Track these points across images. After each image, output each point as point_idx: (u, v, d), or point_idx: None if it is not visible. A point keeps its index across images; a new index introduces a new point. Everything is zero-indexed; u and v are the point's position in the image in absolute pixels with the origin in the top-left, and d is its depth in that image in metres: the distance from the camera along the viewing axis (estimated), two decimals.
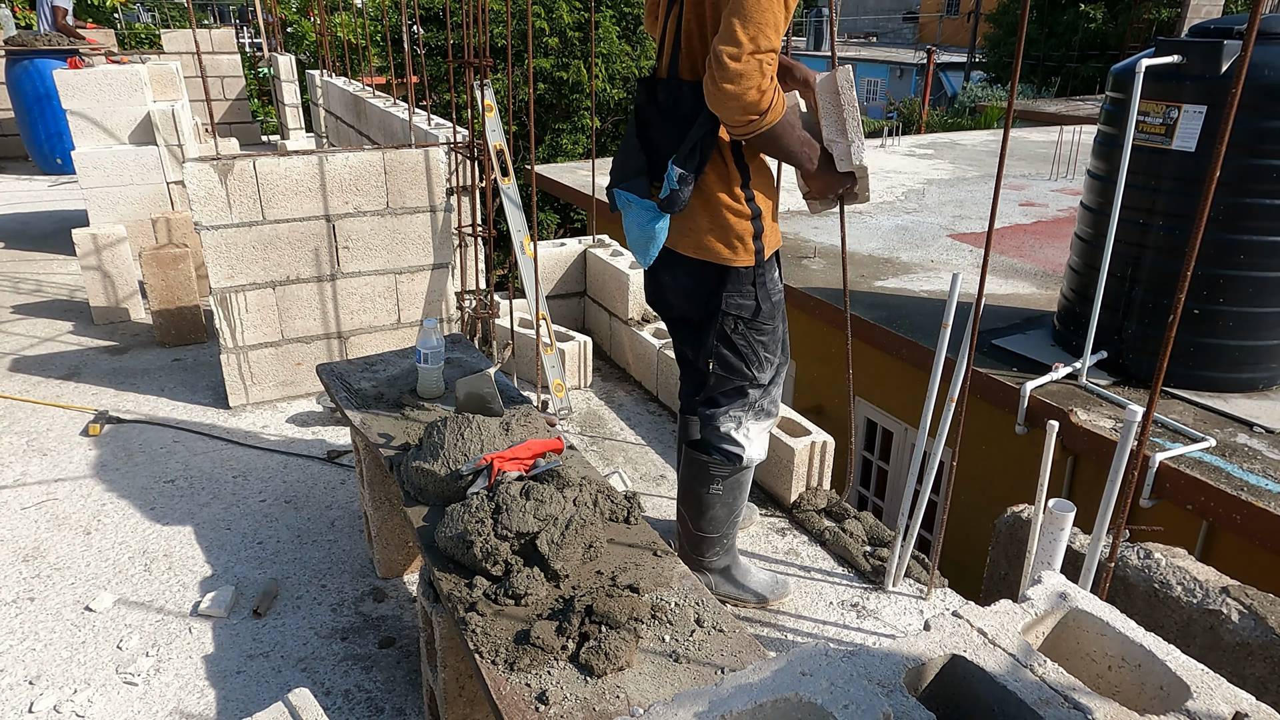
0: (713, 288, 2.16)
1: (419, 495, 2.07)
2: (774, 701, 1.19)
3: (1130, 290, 4.00)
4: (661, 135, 2.08)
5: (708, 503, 2.35)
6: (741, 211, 2.09)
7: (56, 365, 4.18)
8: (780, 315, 2.26)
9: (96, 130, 5.48)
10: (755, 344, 2.22)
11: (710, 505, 2.35)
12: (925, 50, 23.32)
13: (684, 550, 2.47)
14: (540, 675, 1.56)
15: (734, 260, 2.11)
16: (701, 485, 2.34)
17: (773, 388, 2.31)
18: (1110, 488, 1.85)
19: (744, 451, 2.31)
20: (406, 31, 5.32)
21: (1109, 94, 4.06)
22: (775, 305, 2.21)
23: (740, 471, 2.34)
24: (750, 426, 2.31)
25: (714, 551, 2.44)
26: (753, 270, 2.14)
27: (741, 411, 2.29)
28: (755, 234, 2.11)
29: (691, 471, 2.37)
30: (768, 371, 2.26)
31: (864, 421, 5.32)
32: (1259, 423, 3.74)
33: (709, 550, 2.44)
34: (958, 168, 9.82)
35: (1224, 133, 1.53)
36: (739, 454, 2.30)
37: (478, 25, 3.52)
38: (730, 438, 2.29)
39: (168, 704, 2.17)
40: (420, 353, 2.52)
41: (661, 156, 2.06)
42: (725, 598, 2.48)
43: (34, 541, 2.82)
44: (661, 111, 2.08)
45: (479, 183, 3.90)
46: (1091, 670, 1.37)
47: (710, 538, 2.41)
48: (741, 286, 2.14)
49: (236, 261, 3.53)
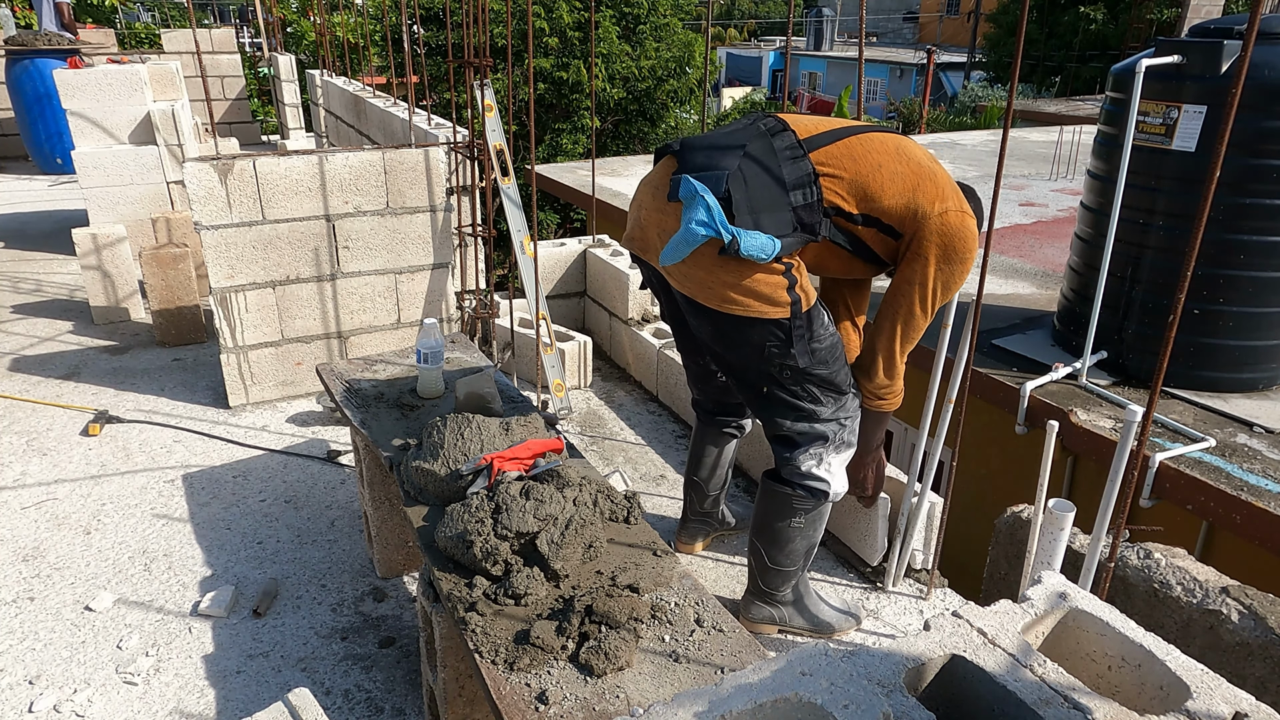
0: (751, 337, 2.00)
1: (419, 495, 2.07)
2: (774, 701, 1.19)
3: (1130, 290, 4.00)
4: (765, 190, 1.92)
5: (787, 536, 2.22)
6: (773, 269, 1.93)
7: (56, 365, 4.18)
8: (839, 355, 2.10)
9: (96, 130, 5.48)
10: (809, 385, 2.07)
11: (790, 539, 2.23)
12: (925, 50, 23.32)
13: (754, 585, 2.35)
14: (540, 675, 1.56)
15: (767, 313, 1.95)
16: (782, 519, 2.21)
17: (849, 421, 2.17)
18: (1110, 488, 1.85)
19: (829, 487, 2.18)
20: (406, 31, 5.32)
21: (1109, 94, 4.06)
22: (829, 350, 2.05)
23: (824, 504, 2.22)
24: (832, 460, 2.18)
25: (788, 585, 2.33)
26: (789, 321, 1.97)
27: (821, 448, 2.16)
28: (789, 285, 1.94)
29: (772, 505, 2.23)
30: (828, 407, 2.12)
31: None
32: (1259, 423, 3.73)
33: (783, 584, 2.31)
34: (958, 168, 9.82)
35: (1224, 133, 1.53)
36: (824, 490, 2.17)
37: (478, 25, 3.52)
38: (813, 474, 2.16)
39: (168, 704, 2.17)
40: (420, 353, 2.52)
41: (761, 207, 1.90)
42: (797, 630, 2.38)
43: (34, 541, 2.82)
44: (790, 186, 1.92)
45: (479, 183, 3.90)
46: (1091, 670, 1.37)
47: (787, 571, 2.29)
48: (778, 338, 1.99)
49: (236, 261, 3.53)
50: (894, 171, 1.95)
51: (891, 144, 2.00)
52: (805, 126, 2.00)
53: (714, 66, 23.18)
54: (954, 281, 2.02)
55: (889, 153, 1.97)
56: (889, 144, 2.00)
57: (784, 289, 1.94)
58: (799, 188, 1.91)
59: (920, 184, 1.96)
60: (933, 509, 2.56)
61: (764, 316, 1.95)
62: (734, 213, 1.88)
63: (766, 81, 34.34)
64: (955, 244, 1.97)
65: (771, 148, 1.93)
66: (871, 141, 1.99)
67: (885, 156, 1.97)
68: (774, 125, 1.99)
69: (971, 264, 2.03)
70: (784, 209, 1.90)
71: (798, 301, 1.97)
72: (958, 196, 2.00)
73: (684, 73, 13.92)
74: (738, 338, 2.02)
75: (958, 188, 2.04)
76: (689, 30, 14.65)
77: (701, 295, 1.97)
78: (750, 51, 37.30)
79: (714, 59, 24.31)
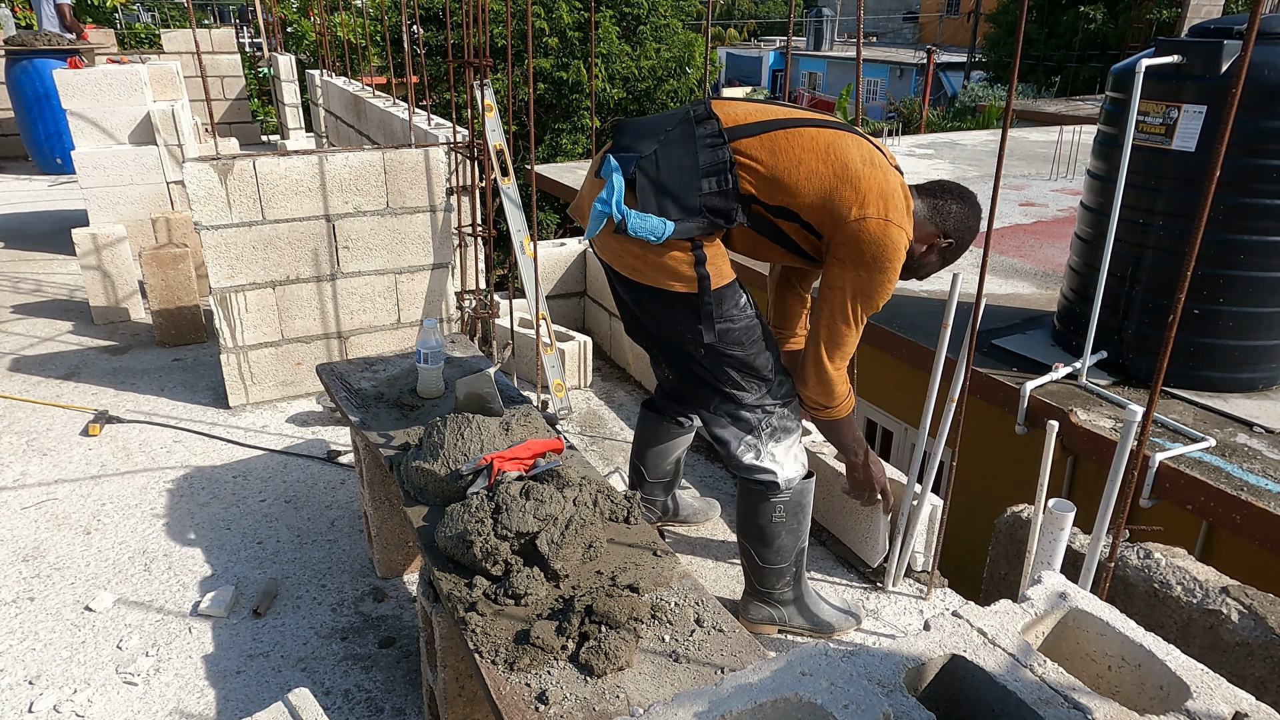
0: (663, 310, 2.07)
1: (419, 495, 2.07)
2: (774, 701, 1.19)
3: (1130, 290, 4.00)
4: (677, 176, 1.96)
5: (771, 533, 2.24)
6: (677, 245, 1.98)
7: (56, 365, 4.18)
8: (757, 338, 2.11)
9: (96, 130, 5.48)
10: (729, 368, 2.11)
11: (774, 535, 2.24)
12: (925, 50, 23.32)
13: (750, 585, 2.36)
14: (540, 675, 1.56)
15: (674, 287, 2.00)
16: (760, 516, 2.23)
17: (779, 407, 2.18)
18: (1110, 488, 1.85)
19: (777, 476, 2.20)
20: (406, 31, 5.32)
21: (1109, 94, 4.06)
22: (743, 331, 2.07)
23: (793, 494, 2.22)
24: (774, 449, 2.19)
25: (784, 583, 2.31)
26: (696, 297, 2.00)
27: (755, 439, 2.18)
28: (695, 262, 1.98)
29: (747, 504, 2.26)
30: (751, 393, 2.14)
31: (864, 421, 5.32)
32: (1259, 423, 3.73)
33: (778, 582, 2.31)
34: (958, 168, 9.82)
35: (1224, 133, 1.53)
36: (773, 480, 2.19)
37: (478, 25, 3.52)
38: (756, 466, 2.20)
39: (168, 704, 2.17)
40: (420, 353, 2.52)
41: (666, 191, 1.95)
42: (797, 630, 2.38)
43: (34, 541, 2.82)
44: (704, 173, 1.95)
45: (479, 183, 3.90)
46: (1091, 670, 1.37)
47: (778, 568, 2.28)
48: (690, 314, 2.03)
49: (236, 261, 3.53)
50: (813, 170, 1.95)
51: (823, 141, 1.97)
52: (734, 115, 2.00)
53: (714, 66, 23.18)
54: (874, 291, 1.99)
55: (814, 150, 1.96)
56: (819, 141, 1.97)
57: (689, 265, 1.97)
58: (712, 174, 1.94)
59: (839, 187, 1.94)
60: (933, 510, 2.56)
61: (670, 290, 2.00)
62: (636, 194, 1.95)
63: (766, 81, 34.35)
64: (871, 251, 1.94)
65: (693, 134, 1.96)
66: (800, 136, 1.97)
67: (808, 153, 1.95)
68: (701, 113, 2.00)
69: (894, 276, 1.98)
70: (692, 194, 1.94)
71: (705, 278, 1.98)
72: (886, 205, 1.94)
73: (684, 73, 13.93)
74: (653, 308, 2.09)
75: (897, 196, 1.97)
76: (689, 30, 14.65)
77: (618, 264, 2.05)
78: (750, 51, 37.30)
79: (714, 59, 24.31)
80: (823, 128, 2.01)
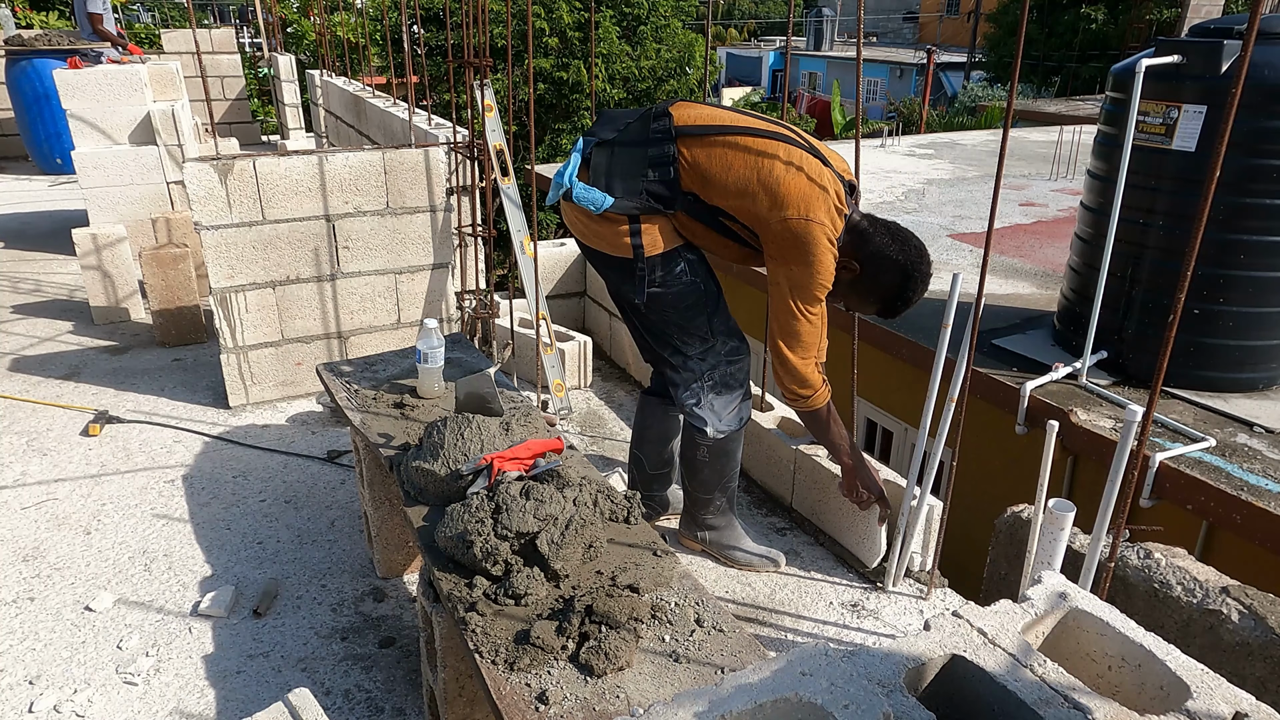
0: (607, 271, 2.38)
1: (419, 495, 2.07)
2: (774, 701, 1.19)
3: (1130, 290, 4.00)
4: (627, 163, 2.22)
5: (696, 466, 2.56)
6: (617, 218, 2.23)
7: (56, 365, 4.18)
8: (693, 303, 2.32)
9: (96, 130, 5.48)
10: (667, 325, 2.37)
11: (698, 470, 2.56)
12: (925, 50, 23.32)
13: (686, 508, 2.71)
14: (540, 675, 1.56)
15: (614, 252, 2.28)
16: (691, 450, 2.55)
17: (721, 365, 2.42)
18: (1110, 488, 1.85)
19: (708, 425, 2.47)
20: (406, 31, 5.32)
21: (1109, 94, 4.06)
22: (677, 296, 2.30)
23: (719, 442, 2.50)
24: (712, 401, 2.46)
25: (709, 511, 2.65)
26: (632, 263, 2.26)
27: (697, 385, 2.44)
28: (631, 233, 2.23)
29: (686, 437, 2.58)
30: (693, 349, 2.39)
31: (864, 421, 5.32)
32: (1259, 423, 3.74)
33: (705, 510, 2.65)
34: (958, 168, 9.82)
35: (1224, 133, 1.53)
36: (703, 428, 2.47)
37: (478, 25, 3.52)
38: (694, 412, 2.47)
39: (168, 704, 2.17)
40: (420, 353, 2.52)
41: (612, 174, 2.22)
42: (715, 555, 2.70)
43: (34, 541, 2.82)
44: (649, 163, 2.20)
45: (479, 183, 3.90)
46: (1091, 670, 1.37)
47: (704, 498, 2.62)
48: (629, 275, 2.29)
49: (236, 261, 3.53)
50: (739, 175, 2.15)
51: (755, 148, 2.16)
52: (688, 116, 2.22)
53: (714, 67, 23.18)
54: (807, 282, 2.16)
55: (744, 156, 2.15)
56: (752, 148, 2.16)
57: (625, 235, 2.24)
58: (657, 166, 2.18)
59: (760, 192, 2.13)
60: (931, 511, 2.56)
61: (611, 253, 2.28)
62: (589, 171, 2.25)
63: (766, 81, 34.34)
64: (796, 246, 2.13)
65: (648, 128, 2.22)
66: (736, 142, 2.17)
67: (738, 159, 2.16)
68: (659, 110, 2.24)
69: (822, 269, 2.14)
70: (635, 178, 2.20)
71: (639, 247, 2.24)
72: (807, 205, 2.10)
73: (684, 73, 13.92)
74: (602, 270, 2.40)
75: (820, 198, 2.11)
76: (689, 30, 14.65)
77: (574, 229, 2.36)
78: (750, 51, 37.29)
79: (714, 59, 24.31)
80: (762, 136, 2.18)
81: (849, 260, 2.23)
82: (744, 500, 3.07)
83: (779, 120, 2.31)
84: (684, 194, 2.20)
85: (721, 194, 2.18)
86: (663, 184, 2.19)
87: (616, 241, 2.26)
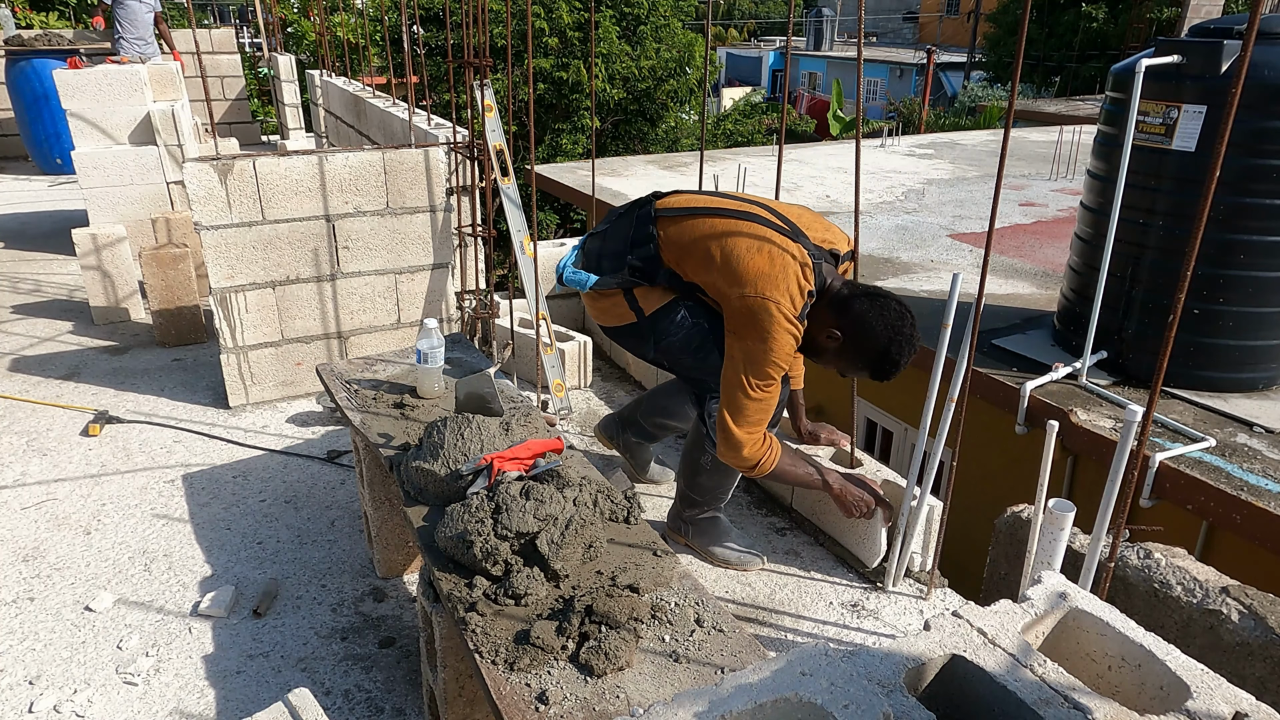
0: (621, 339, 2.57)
1: (419, 495, 2.07)
2: (774, 701, 1.19)
3: (1130, 290, 4.00)
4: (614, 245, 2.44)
5: (696, 469, 2.60)
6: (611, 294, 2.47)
7: (56, 365, 4.18)
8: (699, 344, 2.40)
9: (96, 130, 5.48)
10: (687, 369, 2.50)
11: (698, 472, 2.60)
12: (925, 50, 23.32)
13: (677, 500, 2.74)
14: (540, 675, 1.56)
15: (620, 321, 2.48)
16: (698, 452, 2.58)
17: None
18: (1110, 488, 1.85)
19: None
20: (406, 31, 5.32)
21: (1109, 94, 4.06)
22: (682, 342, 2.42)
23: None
24: None
25: (696, 512, 2.70)
26: (635, 325, 2.45)
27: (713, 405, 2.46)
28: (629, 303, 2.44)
29: (693, 438, 2.61)
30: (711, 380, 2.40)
31: (864, 421, 5.32)
32: (1259, 423, 3.73)
33: (692, 509, 2.69)
34: (958, 168, 9.82)
35: (1224, 133, 1.53)
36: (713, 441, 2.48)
37: (478, 25, 3.52)
38: (709, 424, 2.49)
39: (168, 704, 2.17)
40: (420, 353, 2.52)
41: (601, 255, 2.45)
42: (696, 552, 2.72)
43: (34, 541, 2.82)
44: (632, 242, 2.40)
45: (479, 183, 3.90)
46: (1091, 670, 1.37)
47: (695, 500, 2.67)
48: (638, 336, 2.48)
49: (236, 261, 3.53)
50: (704, 252, 2.29)
51: (721, 229, 2.29)
52: (672, 201, 2.43)
53: (714, 67, 23.18)
54: (760, 359, 2.21)
55: (712, 236, 2.30)
56: (718, 228, 2.30)
57: (624, 305, 2.44)
58: (639, 245, 2.38)
59: (722, 269, 2.25)
60: (931, 511, 2.56)
61: (619, 324, 2.49)
62: (585, 257, 2.50)
63: (766, 81, 34.33)
64: (750, 323, 2.21)
65: (633, 216, 2.44)
66: (706, 223, 2.33)
67: (706, 238, 2.30)
68: (646, 200, 2.45)
69: (777, 348, 2.20)
70: (620, 258, 2.40)
71: (640, 311, 2.43)
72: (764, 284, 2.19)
73: (684, 73, 13.92)
74: (617, 338, 2.57)
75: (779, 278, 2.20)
76: (689, 30, 14.65)
77: (590, 313, 2.59)
78: (750, 51, 37.28)
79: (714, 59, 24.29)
80: (732, 216, 2.31)
81: (831, 329, 2.27)
82: (744, 500, 3.07)
83: (757, 200, 2.42)
84: (665, 269, 2.36)
85: (694, 270, 2.32)
86: (644, 260, 2.37)
87: (618, 312, 2.47)
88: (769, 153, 10.67)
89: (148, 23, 7.67)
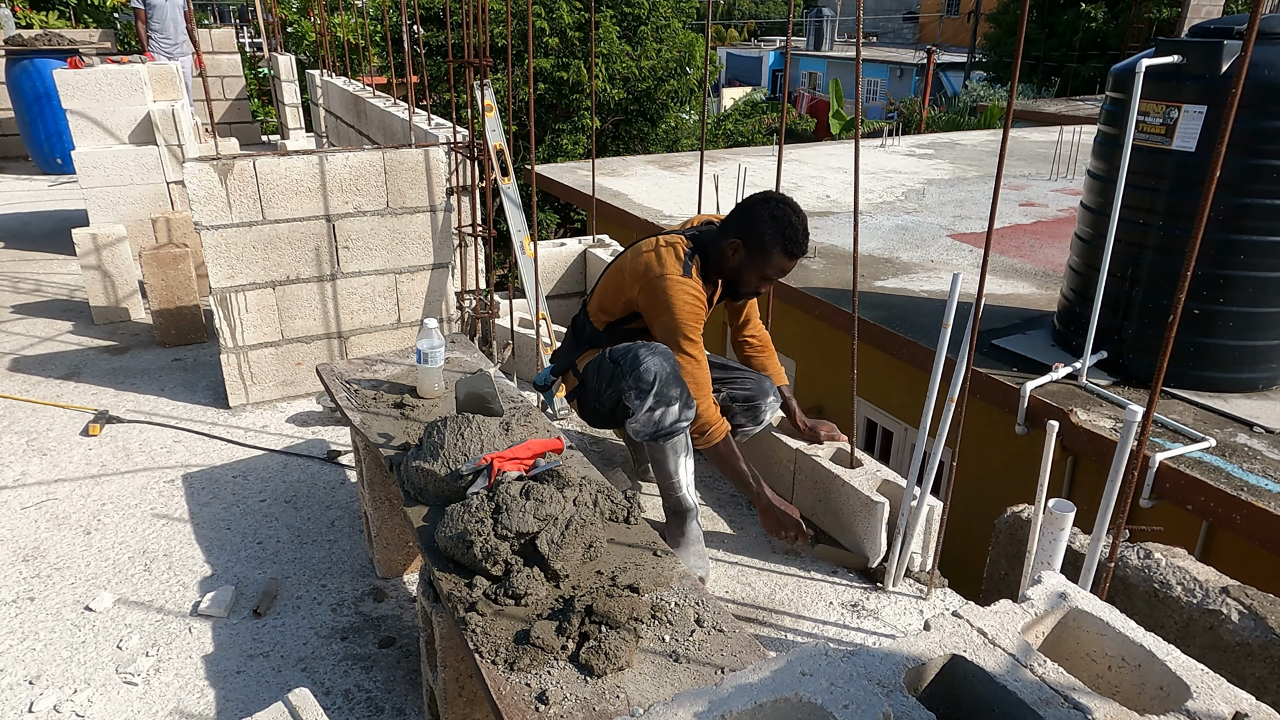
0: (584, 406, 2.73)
1: (419, 495, 2.07)
2: (774, 701, 1.19)
3: (1130, 290, 4.00)
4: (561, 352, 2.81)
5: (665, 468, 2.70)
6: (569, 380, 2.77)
7: (56, 365, 4.18)
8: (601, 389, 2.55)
9: (96, 130, 5.48)
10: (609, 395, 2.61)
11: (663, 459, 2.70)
12: (925, 50, 23.32)
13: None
14: (540, 675, 1.56)
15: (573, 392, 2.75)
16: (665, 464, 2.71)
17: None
18: (1110, 488, 1.85)
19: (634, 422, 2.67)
20: (406, 31, 5.32)
21: (1109, 94, 4.06)
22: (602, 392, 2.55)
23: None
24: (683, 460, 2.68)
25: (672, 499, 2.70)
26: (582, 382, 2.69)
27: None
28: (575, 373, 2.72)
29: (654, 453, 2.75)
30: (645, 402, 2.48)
31: (864, 421, 5.32)
32: (1259, 423, 3.74)
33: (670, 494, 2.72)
34: (958, 168, 9.82)
35: (1224, 133, 1.53)
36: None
37: (478, 25, 3.52)
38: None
39: (168, 704, 2.17)
40: (420, 353, 2.52)
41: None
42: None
43: (34, 541, 2.82)
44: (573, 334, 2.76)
45: (479, 183, 3.90)
46: (1091, 670, 1.37)
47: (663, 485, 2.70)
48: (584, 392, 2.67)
49: (236, 261, 3.53)
50: (607, 279, 2.67)
51: (615, 265, 2.66)
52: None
53: (714, 67, 23.17)
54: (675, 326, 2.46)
55: (610, 271, 2.68)
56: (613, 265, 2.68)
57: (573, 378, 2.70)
58: (581, 329, 2.73)
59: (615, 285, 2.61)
60: (931, 511, 2.56)
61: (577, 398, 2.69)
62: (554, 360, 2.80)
63: (766, 81, 34.32)
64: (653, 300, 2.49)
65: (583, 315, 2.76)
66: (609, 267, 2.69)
67: (606, 274, 2.69)
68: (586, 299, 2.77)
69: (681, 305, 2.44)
70: (571, 351, 2.73)
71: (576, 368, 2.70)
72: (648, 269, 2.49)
73: (684, 73, 13.93)
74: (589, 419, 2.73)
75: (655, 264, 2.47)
76: (689, 30, 14.65)
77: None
78: (750, 51, 37.28)
79: (714, 59, 24.29)
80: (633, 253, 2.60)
81: (730, 242, 2.49)
82: (744, 500, 3.07)
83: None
84: (591, 328, 2.67)
85: (609, 303, 2.64)
86: (587, 336, 2.68)
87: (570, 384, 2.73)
88: (769, 153, 10.67)
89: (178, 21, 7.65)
